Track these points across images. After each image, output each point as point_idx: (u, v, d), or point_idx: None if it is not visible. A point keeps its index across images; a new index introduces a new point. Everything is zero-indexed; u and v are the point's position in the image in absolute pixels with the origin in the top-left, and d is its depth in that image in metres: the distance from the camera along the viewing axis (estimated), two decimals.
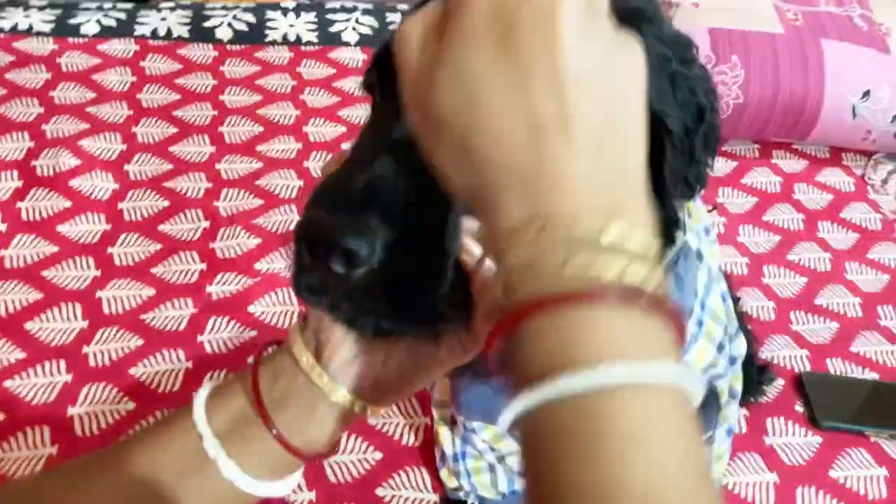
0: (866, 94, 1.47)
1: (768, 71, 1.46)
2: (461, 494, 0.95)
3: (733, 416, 0.87)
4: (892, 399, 1.14)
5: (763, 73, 1.46)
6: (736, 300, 1.15)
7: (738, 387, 0.86)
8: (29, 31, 1.58)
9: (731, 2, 1.54)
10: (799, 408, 1.12)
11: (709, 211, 1.41)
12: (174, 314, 1.13)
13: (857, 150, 1.58)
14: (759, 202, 1.47)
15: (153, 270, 1.19)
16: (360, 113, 1.53)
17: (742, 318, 1.15)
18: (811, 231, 1.42)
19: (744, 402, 1.11)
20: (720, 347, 0.77)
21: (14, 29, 1.58)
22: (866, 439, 1.09)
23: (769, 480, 1.03)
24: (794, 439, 1.08)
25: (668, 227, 0.59)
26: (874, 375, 1.18)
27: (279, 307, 1.16)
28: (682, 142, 0.53)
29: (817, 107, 1.47)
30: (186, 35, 1.65)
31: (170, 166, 1.37)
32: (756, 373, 1.11)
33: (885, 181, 1.54)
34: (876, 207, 1.49)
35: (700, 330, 0.74)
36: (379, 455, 1.00)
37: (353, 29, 1.74)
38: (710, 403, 0.81)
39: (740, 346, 0.92)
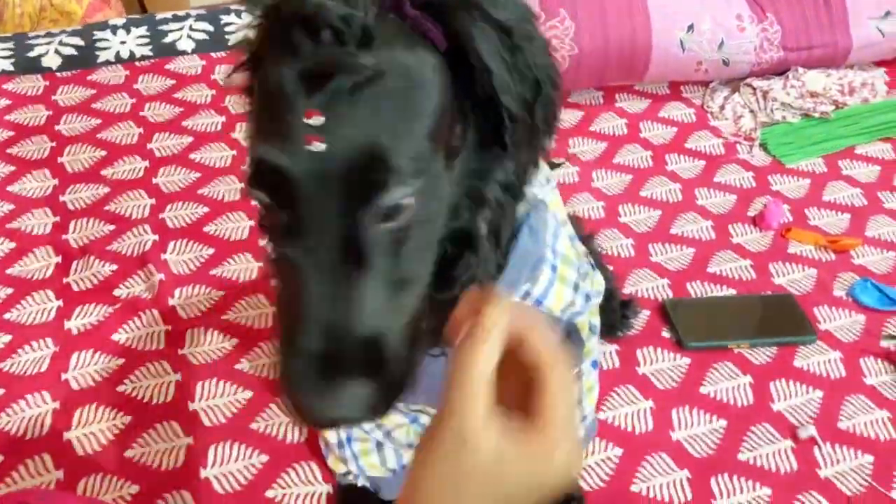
0: (690, 27, 1.54)
1: (596, 19, 1.51)
2: (351, 478, 0.95)
3: (596, 349, 0.91)
4: (749, 311, 1.21)
5: (592, 22, 1.50)
6: (590, 238, 1.20)
7: (596, 321, 0.90)
8: None
9: None
10: (665, 333, 1.17)
11: (560, 163, 1.45)
12: (33, 356, 1.09)
13: (693, 81, 1.65)
14: (609, 146, 1.52)
15: (6, 316, 1.14)
16: (205, 121, 1.51)
17: (599, 257, 1.20)
18: (660, 166, 1.48)
19: (613, 338, 1.15)
20: (575, 287, 0.80)
21: None
22: (730, 352, 1.15)
23: (645, 407, 1.08)
24: (664, 364, 1.13)
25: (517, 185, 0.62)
26: (732, 291, 1.24)
27: (143, 330, 1.13)
28: (523, 116, 0.55)
29: (647, 46, 1.53)
30: (11, 68, 1.58)
31: (11, 206, 1.32)
32: (620, 308, 1.16)
33: (721, 107, 1.61)
34: (717, 133, 1.56)
35: (554, 275, 0.77)
36: (265, 458, 0.99)
37: (189, 37, 1.70)
38: (575, 340, 0.84)
39: (597, 284, 0.97)
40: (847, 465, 1.02)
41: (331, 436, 0.94)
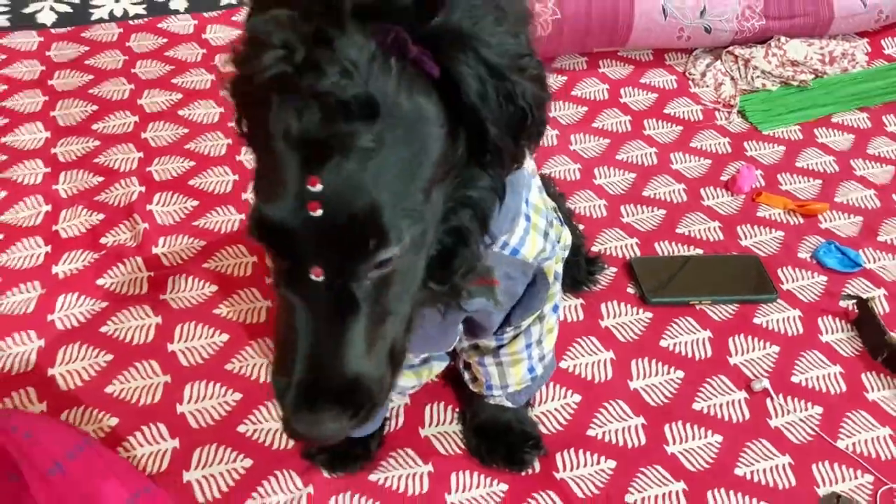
0: None
1: None
2: None
3: (558, 294, 0.95)
4: (712, 269, 1.24)
5: None
6: (561, 196, 1.23)
7: (560, 268, 0.94)
8: None
9: None
10: (630, 290, 1.21)
11: None
12: (21, 298, 1.14)
13: (676, 48, 1.68)
14: (589, 110, 1.55)
15: None
16: (194, 79, 1.54)
17: (571, 215, 1.24)
18: (637, 130, 1.51)
19: (579, 292, 1.19)
20: (545, 234, 0.84)
21: None
22: (692, 308, 1.19)
23: (606, 358, 1.12)
24: (626, 318, 1.17)
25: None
26: (699, 251, 1.28)
27: (127, 276, 1.18)
28: (508, 144, 0.59)
29: (630, 11, 1.55)
30: (6, 24, 1.62)
31: (4, 157, 1.36)
32: (586, 263, 1.20)
33: (703, 74, 1.64)
34: (697, 100, 1.59)
35: (528, 224, 0.81)
36: (238, 396, 1.04)
37: None
38: (542, 283, 0.88)
39: (564, 238, 1.00)
40: (797, 415, 1.07)
41: None
